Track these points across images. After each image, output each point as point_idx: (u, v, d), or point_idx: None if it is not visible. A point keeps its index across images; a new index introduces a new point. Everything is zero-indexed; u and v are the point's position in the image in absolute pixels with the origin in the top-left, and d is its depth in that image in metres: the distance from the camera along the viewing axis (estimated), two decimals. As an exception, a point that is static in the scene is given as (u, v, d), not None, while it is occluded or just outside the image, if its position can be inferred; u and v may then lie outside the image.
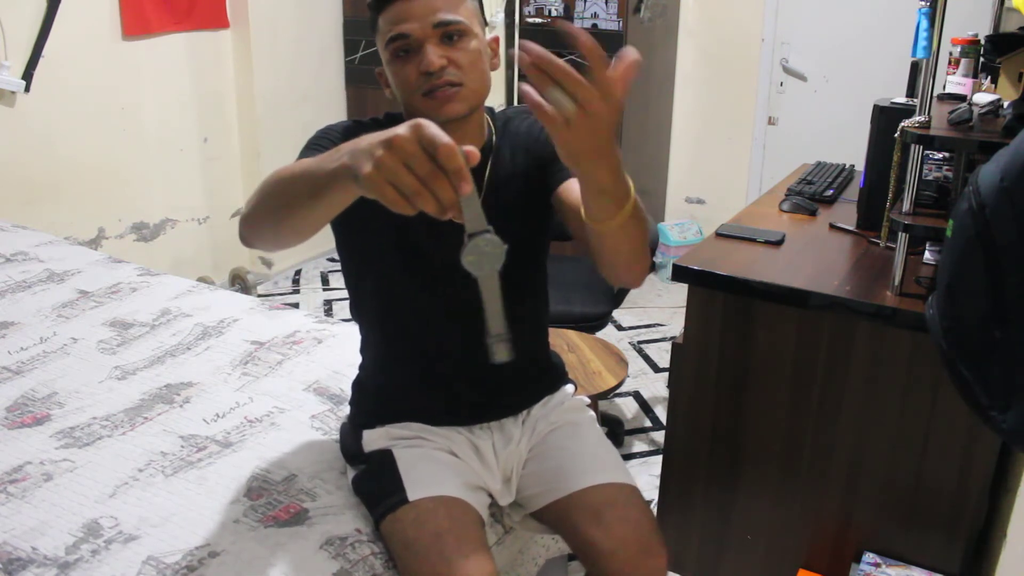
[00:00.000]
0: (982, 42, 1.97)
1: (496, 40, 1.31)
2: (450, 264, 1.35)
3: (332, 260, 4.25)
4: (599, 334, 2.59)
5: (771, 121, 4.05)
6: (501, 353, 0.93)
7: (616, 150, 0.92)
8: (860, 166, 2.00)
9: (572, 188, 1.25)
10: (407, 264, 1.34)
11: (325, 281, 4.06)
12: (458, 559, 1.22)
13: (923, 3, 1.49)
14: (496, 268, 0.85)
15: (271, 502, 1.41)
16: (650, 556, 1.31)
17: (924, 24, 1.50)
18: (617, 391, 2.64)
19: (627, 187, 1.00)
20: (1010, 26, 2.16)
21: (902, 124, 1.53)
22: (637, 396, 3.08)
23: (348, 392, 1.56)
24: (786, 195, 2.16)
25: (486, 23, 1.33)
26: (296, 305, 3.73)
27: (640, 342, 3.52)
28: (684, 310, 1.78)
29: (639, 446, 2.77)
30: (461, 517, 1.29)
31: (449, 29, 1.21)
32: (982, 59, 1.99)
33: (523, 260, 1.40)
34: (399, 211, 0.82)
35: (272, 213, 1.04)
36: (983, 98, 1.74)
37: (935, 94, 1.65)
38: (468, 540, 1.26)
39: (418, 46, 1.20)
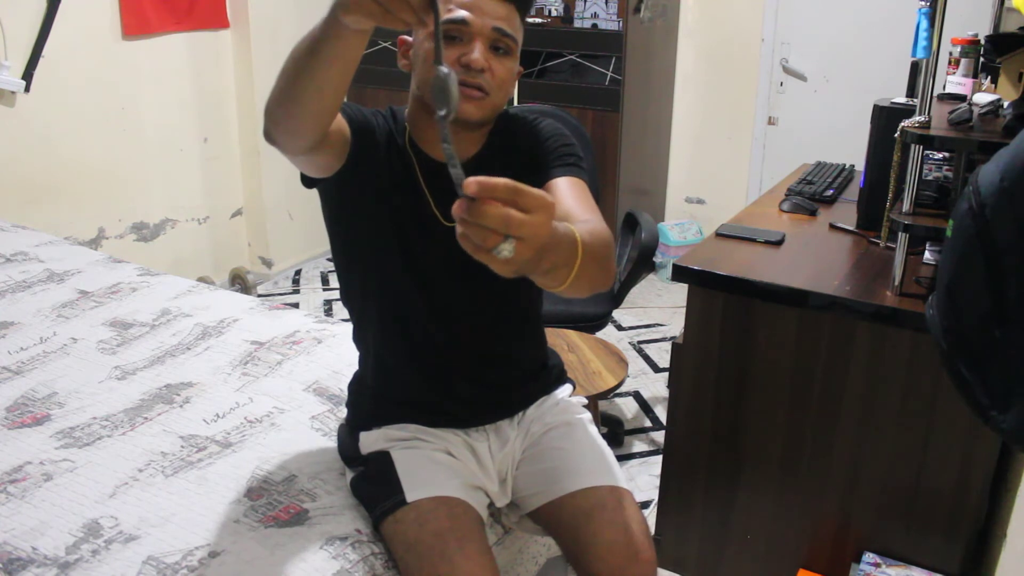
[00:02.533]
0: (982, 42, 1.97)
1: (520, 72, 1.33)
2: (444, 264, 1.36)
3: (332, 260, 4.24)
4: (599, 334, 2.59)
5: (771, 121, 4.05)
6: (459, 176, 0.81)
7: (553, 238, 0.85)
8: (860, 166, 2.00)
9: (556, 187, 1.27)
10: (403, 264, 1.35)
11: (325, 281, 4.06)
12: (460, 559, 1.22)
13: (923, 3, 1.49)
14: (454, 107, 0.82)
15: (271, 502, 1.41)
16: (637, 562, 1.31)
17: (924, 24, 1.50)
18: (617, 391, 2.64)
19: (574, 251, 0.93)
20: (1010, 26, 2.16)
21: (902, 124, 1.53)
22: (637, 396, 3.08)
23: (347, 393, 1.56)
24: (786, 195, 2.16)
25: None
26: (296, 305, 3.73)
27: (640, 342, 3.52)
28: (684, 310, 1.78)
29: (639, 446, 2.77)
30: (462, 517, 1.29)
31: (503, 40, 1.23)
32: (982, 59, 1.99)
33: None
34: (385, 24, 0.88)
35: (283, 89, 1.06)
36: (983, 98, 1.74)
37: (935, 94, 1.65)
38: (469, 540, 1.26)
39: (469, 38, 1.21)
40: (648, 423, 2.91)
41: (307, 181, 1.31)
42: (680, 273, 1.74)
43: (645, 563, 1.32)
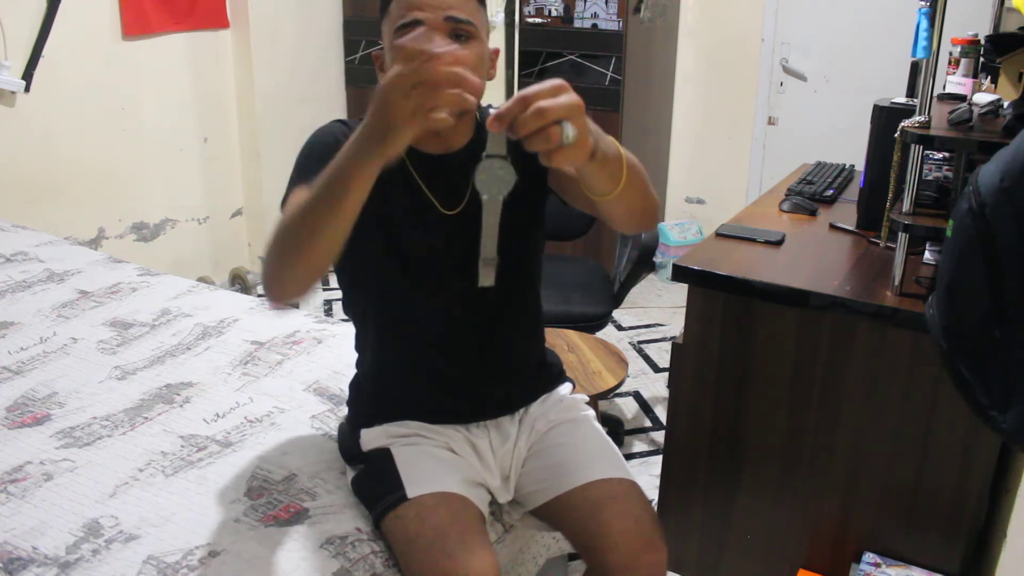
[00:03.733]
0: (982, 42, 1.97)
1: (496, 52, 1.32)
2: (444, 255, 1.36)
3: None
4: (599, 334, 2.59)
5: (771, 121, 4.05)
6: (488, 277, 0.98)
7: (596, 137, 0.99)
8: (860, 166, 2.00)
9: None
10: (401, 264, 1.35)
11: (325, 281, 4.06)
12: (461, 554, 1.22)
13: (923, 3, 1.49)
14: (503, 194, 0.93)
15: (271, 502, 1.41)
16: (651, 551, 1.31)
17: (924, 24, 1.50)
18: (617, 391, 2.64)
19: (618, 157, 1.06)
20: (1010, 26, 2.16)
21: (902, 124, 1.53)
22: (637, 396, 3.08)
23: (347, 392, 1.57)
24: (786, 195, 2.16)
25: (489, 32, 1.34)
26: (296, 305, 3.73)
27: (640, 342, 3.52)
28: (684, 310, 1.78)
29: (639, 446, 2.77)
30: (462, 512, 1.29)
31: (459, 27, 1.21)
32: (982, 59, 1.99)
33: (517, 259, 1.40)
34: (443, 124, 0.93)
35: (297, 243, 1.09)
36: (983, 98, 1.74)
37: (935, 94, 1.65)
38: (470, 535, 1.26)
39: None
40: (648, 423, 2.91)
41: None
42: (680, 273, 1.74)
43: (658, 553, 1.32)
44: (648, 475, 2.56)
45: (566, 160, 0.93)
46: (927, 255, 1.74)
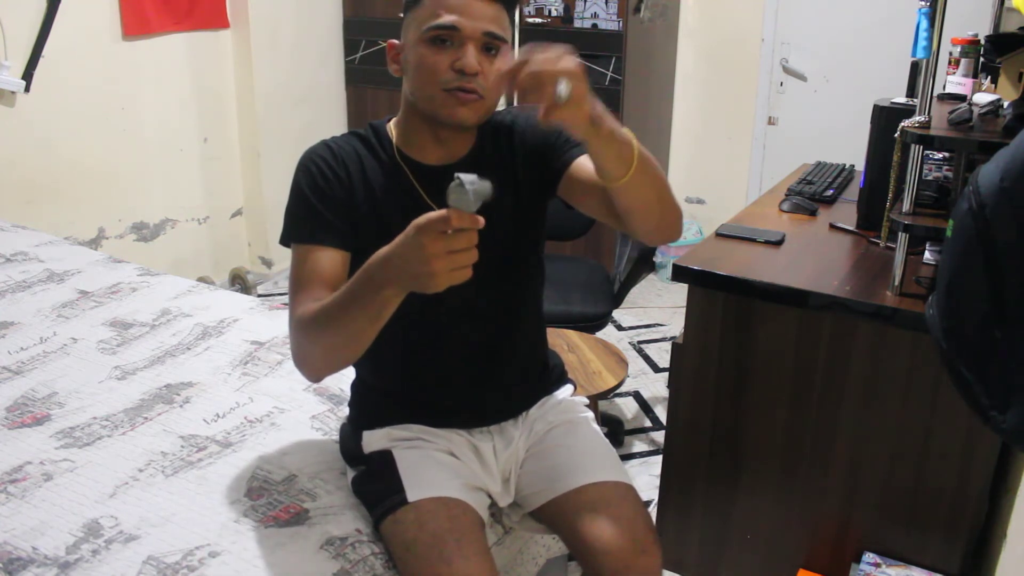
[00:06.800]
0: (982, 42, 1.97)
1: None
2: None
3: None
4: (599, 334, 2.59)
5: (771, 121, 4.05)
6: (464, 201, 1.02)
7: (600, 109, 1.05)
8: (860, 166, 2.00)
9: (582, 165, 1.31)
10: None
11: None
12: (458, 560, 1.22)
13: (923, 3, 1.49)
14: (477, 205, 0.96)
15: (271, 502, 1.41)
16: (644, 554, 1.31)
17: (924, 24, 1.50)
18: (617, 391, 2.64)
19: (629, 141, 1.12)
20: (1010, 26, 2.16)
21: (902, 124, 1.53)
22: (637, 396, 3.08)
23: (348, 392, 1.56)
24: (786, 195, 2.16)
25: None
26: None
27: (640, 342, 3.52)
28: (684, 310, 1.78)
29: (639, 446, 2.77)
30: (461, 518, 1.29)
31: (494, 43, 1.23)
32: (982, 59, 1.99)
33: (517, 259, 1.40)
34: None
35: (333, 347, 1.19)
36: (983, 98, 1.74)
37: (935, 94, 1.65)
38: (468, 541, 1.26)
39: (460, 43, 1.21)
40: (648, 423, 2.91)
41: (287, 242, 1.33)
42: (680, 273, 1.74)
43: (650, 557, 1.32)
44: (648, 475, 2.56)
45: (561, 118, 0.98)
46: (927, 255, 1.74)
